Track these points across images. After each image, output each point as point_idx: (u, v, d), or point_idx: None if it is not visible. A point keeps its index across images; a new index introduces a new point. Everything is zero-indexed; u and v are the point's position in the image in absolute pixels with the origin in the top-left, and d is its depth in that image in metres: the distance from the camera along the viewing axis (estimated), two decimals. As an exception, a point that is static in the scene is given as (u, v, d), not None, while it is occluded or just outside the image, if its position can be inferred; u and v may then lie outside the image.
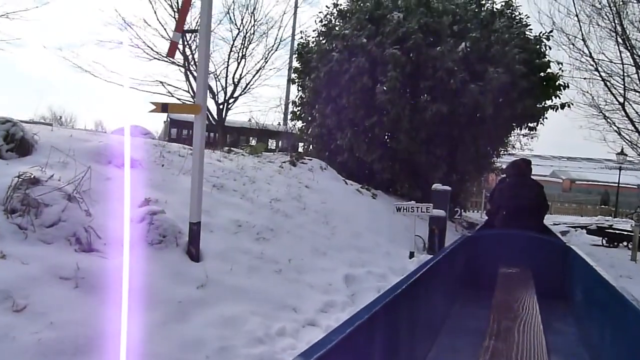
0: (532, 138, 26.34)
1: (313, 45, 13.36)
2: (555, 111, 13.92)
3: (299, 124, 15.02)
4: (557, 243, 5.22)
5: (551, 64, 12.79)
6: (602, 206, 35.05)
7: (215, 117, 16.21)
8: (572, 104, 14.63)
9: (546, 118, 14.56)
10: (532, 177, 6.26)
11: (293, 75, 14.60)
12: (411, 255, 7.22)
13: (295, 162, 9.70)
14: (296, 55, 13.80)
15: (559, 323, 3.93)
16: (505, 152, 18.92)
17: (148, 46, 15.83)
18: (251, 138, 18.55)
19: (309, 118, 14.07)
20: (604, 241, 16.37)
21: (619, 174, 30.01)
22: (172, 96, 16.50)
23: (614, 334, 2.90)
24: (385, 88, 11.30)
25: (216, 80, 16.15)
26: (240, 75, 16.63)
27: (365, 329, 1.86)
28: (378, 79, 11.58)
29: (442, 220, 8.65)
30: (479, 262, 4.93)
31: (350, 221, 7.47)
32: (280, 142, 18.14)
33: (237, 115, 18.89)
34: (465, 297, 4.59)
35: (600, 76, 14.52)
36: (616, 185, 50.85)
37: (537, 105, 13.50)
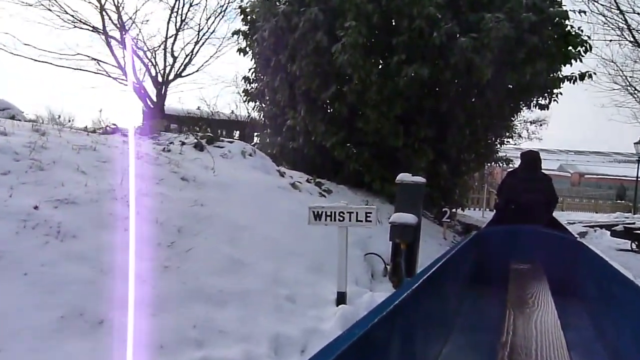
0: (541, 125, 23.06)
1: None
2: (573, 83, 10.61)
3: (252, 106, 11.77)
4: (569, 238, 5.04)
5: (569, 14, 9.41)
6: (618, 201, 31.43)
7: (155, 100, 12.94)
8: (595, 74, 11.32)
9: (560, 94, 11.32)
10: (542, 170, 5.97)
11: (242, 43, 11.33)
12: (340, 298, 3.95)
13: (204, 145, 6.46)
14: (240, 16, 10.53)
15: (574, 319, 3.68)
16: (510, 139, 15.56)
17: (65, 11, 12.49)
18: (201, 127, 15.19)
19: (260, 95, 10.83)
20: (634, 245, 12.98)
21: (638, 166, 26.43)
22: (108, 75, 13.31)
23: (634, 331, 2.70)
24: (343, 44, 8.02)
25: (152, 55, 12.89)
26: (181, 46, 13.33)
27: (380, 328, 1.79)
28: (336, 34, 8.29)
29: (411, 230, 5.40)
30: (489, 258, 4.78)
31: (243, 237, 4.23)
32: (241, 132, 14.77)
33: (188, 101, 15.56)
34: (476, 294, 4.40)
35: (633, 37, 11.09)
36: (628, 178, 47.62)
37: (551, 74, 10.18)
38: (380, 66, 8.43)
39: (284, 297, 3.64)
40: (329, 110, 9.16)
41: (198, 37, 13.69)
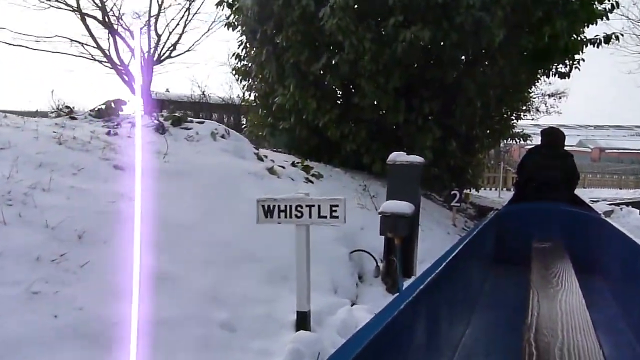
0: (560, 98, 21.54)
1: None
2: (597, 46, 9.37)
3: (244, 85, 10.68)
4: (591, 215, 4.79)
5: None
6: (643, 176, 29.81)
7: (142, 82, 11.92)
8: (622, 35, 10.04)
9: (583, 60, 10.07)
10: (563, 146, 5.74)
11: (230, 16, 10.22)
12: (300, 321, 2.89)
13: (166, 127, 5.47)
14: (224, -16, 9.43)
15: (598, 298, 3.54)
16: (527, 112, 14.29)
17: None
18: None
19: (249, 73, 9.77)
20: (666, 224, 11.72)
21: (664, 138, 24.77)
22: (93, 59, 12.36)
23: None
24: (332, 7, 6.91)
25: (138, 35, 11.87)
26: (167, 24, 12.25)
27: (407, 312, 1.78)
28: (324, -2, 7.18)
29: (406, 221, 4.36)
30: (510, 237, 4.57)
31: (180, 241, 3.24)
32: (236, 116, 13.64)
33: (180, 85, 14.41)
34: (498, 273, 4.23)
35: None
36: (651, 152, 45.55)
37: (573, 36, 8.95)
38: (374, 31, 7.28)
39: (219, 324, 2.65)
40: (321, 85, 8.07)
41: (186, 15, 12.59)
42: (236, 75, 10.47)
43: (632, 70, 20.03)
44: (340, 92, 7.94)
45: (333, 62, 7.62)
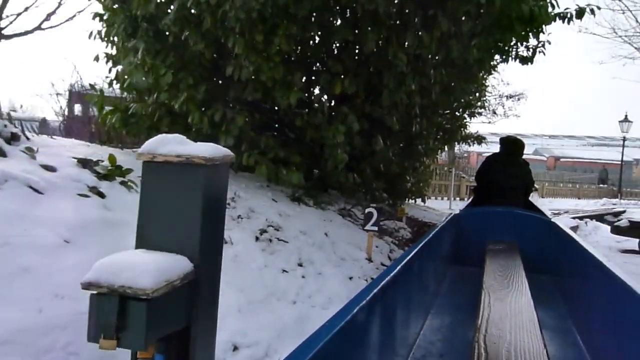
0: (518, 100, 19.42)
1: None
2: (567, 22, 7.00)
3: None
4: (543, 219, 4.87)
5: None
6: (601, 185, 28.06)
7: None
8: (599, 8, 7.66)
9: (549, 42, 7.75)
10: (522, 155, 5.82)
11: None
12: None
13: None
14: None
15: (547, 298, 3.60)
16: (483, 109, 11.88)
17: None
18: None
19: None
20: (643, 245, 9.48)
21: (623, 146, 23.05)
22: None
23: (602, 310, 2.68)
24: None
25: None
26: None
27: (362, 315, 1.74)
28: None
29: (151, 307, 1.68)
30: (466, 239, 4.63)
31: None
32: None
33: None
34: (454, 275, 4.27)
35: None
36: (603, 161, 44.78)
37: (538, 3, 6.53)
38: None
39: None
40: (180, 49, 5.33)
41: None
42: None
43: (603, 60, 18.36)
44: (209, 59, 5.23)
45: (192, 11, 4.92)
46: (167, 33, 5.37)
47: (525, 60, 7.97)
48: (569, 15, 6.94)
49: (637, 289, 2.07)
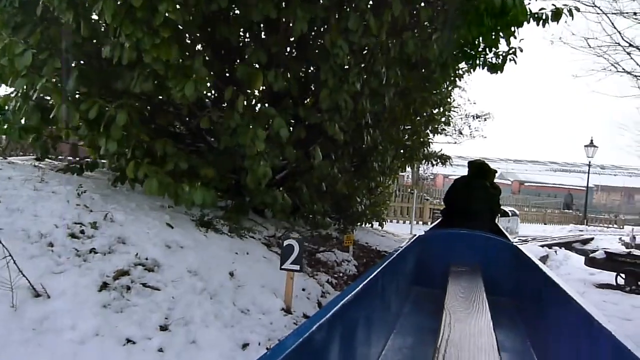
0: (485, 120, 18.53)
1: None
2: (542, 24, 5.99)
3: None
4: (507, 243, 4.87)
5: None
6: (566, 210, 27.45)
7: None
8: (578, 10, 6.64)
9: (521, 49, 6.81)
10: (491, 180, 5.83)
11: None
12: None
13: None
14: None
15: (507, 321, 3.66)
16: (447, 126, 10.77)
17: None
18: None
19: None
20: (621, 279, 8.41)
21: (589, 171, 22.43)
22: None
23: (561, 333, 2.69)
24: None
25: None
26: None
27: (321, 332, 1.72)
28: None
29: None
30: (430, 261, 4.60)
31: None
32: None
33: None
34: (417, 296, 4.25)
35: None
36: (567, 187, 44.86)
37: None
38: None
39: None
40: (52, 22, 3.96)
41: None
42: None
43: (577, 75, 17.95)
44: (87, 39, 3.87)
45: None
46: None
47: (494, 68, 6.97)
48: (544, 17, 5.93)
49: (594, 314, 2.03)
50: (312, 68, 4.71)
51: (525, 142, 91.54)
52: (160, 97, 4.05)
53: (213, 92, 4.70)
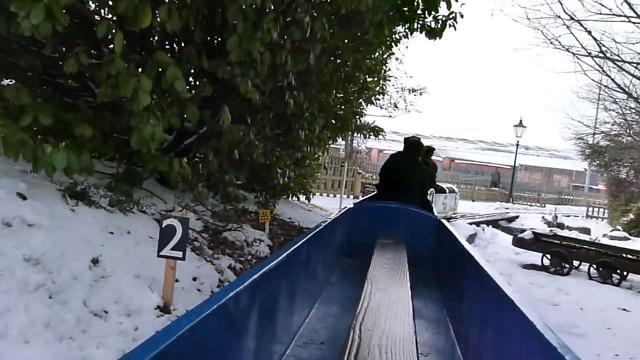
0: (420, 94, 18.19)
1: None
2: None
3: None
4: (431, 217, 5.04)
5: None
6: (493, 188, 28.11)
7: None
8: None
9: (461, 15, 6.29)
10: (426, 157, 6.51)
11: None
12: None
13: None
14: None
15: (427, 290, 3.86)
16: (381, 95, 10.18)
17: None
18: None
19: None
20: (546, 259, 8.27)
21: (516, 151, 22.88)
22: None
23: (472, 302, 2.82)
24: None
25: None
26: None
27: (244, 296, 1.71)
28: None
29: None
30: (358, 232, 4.78)
31: None
32: None
33: None
34: (344, 266, 4.38)
35: None
36: (492, 165, 46.42)
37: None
38: None
39: None
40: None
41: None
42: None
43: (517, 48, 18.77)
44: None
45: None
46: None
47: (433, 34, 6.41)
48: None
49: (502, 285, 2.12)
50: (219, 9, 3.85)
51: (458, 119, 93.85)
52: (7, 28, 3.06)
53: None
